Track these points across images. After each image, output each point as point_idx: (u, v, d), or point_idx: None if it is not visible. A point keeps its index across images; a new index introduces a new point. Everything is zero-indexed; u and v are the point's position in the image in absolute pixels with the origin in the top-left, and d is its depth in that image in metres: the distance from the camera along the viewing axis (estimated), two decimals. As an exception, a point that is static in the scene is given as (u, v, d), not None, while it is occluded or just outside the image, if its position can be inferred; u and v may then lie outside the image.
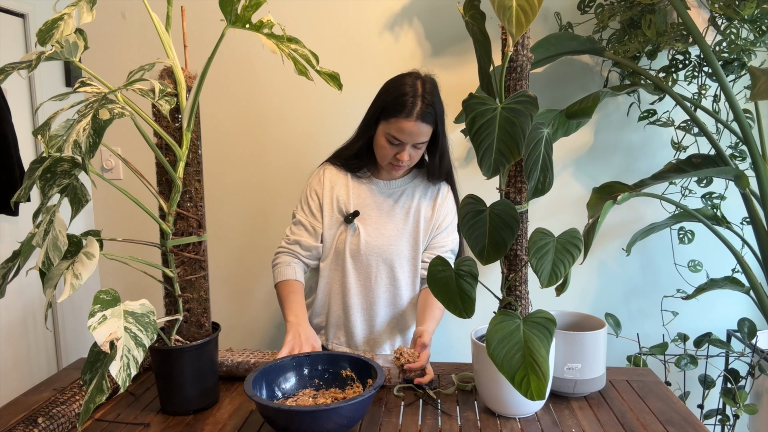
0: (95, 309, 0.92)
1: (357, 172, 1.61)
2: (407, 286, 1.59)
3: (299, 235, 1.58)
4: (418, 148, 1.49)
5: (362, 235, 1.54)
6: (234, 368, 1.37)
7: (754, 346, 1.88)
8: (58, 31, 1.00)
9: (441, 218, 1.58)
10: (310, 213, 1.58)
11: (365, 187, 1.59)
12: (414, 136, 1.44)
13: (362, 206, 1.57)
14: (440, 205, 1.59)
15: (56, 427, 1.11)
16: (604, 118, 2.08)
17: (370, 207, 1.57)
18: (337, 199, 1.57)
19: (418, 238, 1.57)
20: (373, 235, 1.55)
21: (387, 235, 1.55)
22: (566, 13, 1.98)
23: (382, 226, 1.56)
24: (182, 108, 1.14)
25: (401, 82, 1.47)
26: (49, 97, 1.34)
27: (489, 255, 1.14)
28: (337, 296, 1.60)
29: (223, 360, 1.37)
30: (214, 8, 1.17)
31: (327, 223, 1.57)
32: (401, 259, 1.57)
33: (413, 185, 1.60)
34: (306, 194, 1.61)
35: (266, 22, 1.10)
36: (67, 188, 1.02)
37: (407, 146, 1.46)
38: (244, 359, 1.37)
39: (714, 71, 1.63)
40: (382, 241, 1.55)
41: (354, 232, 1.55)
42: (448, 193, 1.61)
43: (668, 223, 1.95)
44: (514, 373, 1.01)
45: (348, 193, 1.58)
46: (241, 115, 2.18)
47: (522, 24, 0.98)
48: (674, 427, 1.15)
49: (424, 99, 1.43)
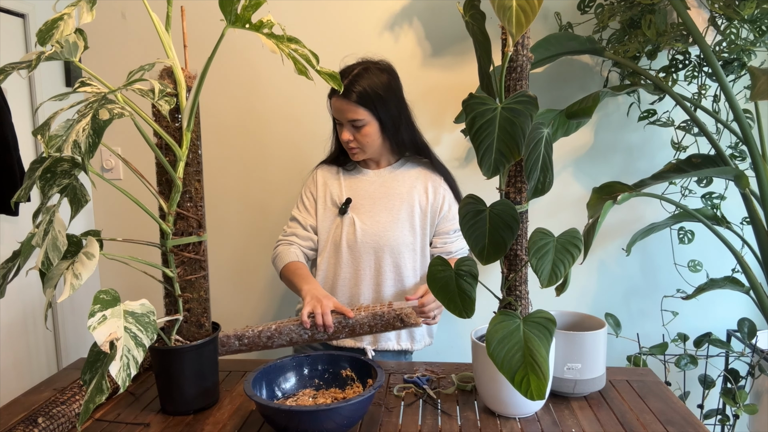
0: (95, 309, 0.92)
1: (345, 166, 1.67)
2: (412, 274, 1.61)
3: (295, 228, 1.65)
4: (357, 128, 1.53)
5: (357, 224, 1.58)
6: (256, 338, 1.36)
7: (754, 346, 1.88)
8: (58, 31, 1.00)
9: (438, 205, 1.61)
10: (305, 210, 1.66)
11: (356, 179, 1.64)
12: (342, 113, 1.53)
13: (355, 197, 1.61)
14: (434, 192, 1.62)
15: (56, 427, 1.11)
16: (604, 118, 2.08)
17: (363, 197, 1.61)
18: (331, 193, 1.64)
19: (414, 223, 1.58)
20: (368, 223, 1.57)
21: (382, 222, 1.57)
22: (566, 13, 1.98)
23: (376, 214, 1.58)
24: (182, 108, 1.14)
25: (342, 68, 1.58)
26: (49, 97, 1.34)
27: (489, 255, 1.14)
28: (337, 288, 1.61)
29: (243, 333, 1.37)
30: (214, 8, 1.18)
31: (322, 217, 1.63)
32: (401, 245, 1.58)
33: (402, 171, 1.63)
34: (301, 195, 1.69)
35: (266, 22, 1.10)
36: (67, 188, 1.02)
37: (345, 125, 1.54)
38: (265, 328, 1.37)
39: (714, 71, 1.63)
40: (377, 228, 1.57)
41: (349, 222, 1.59)
42: (440, 184, 1.64)
43: (668, 223, 1.95)
44: (514, 373, 1.01)
45: (341, 185, 1.64)
46: (241, 115, 2.18)
47: (522, 24, 0.98)
48: (674, 427, 1.15)
49: (350, 78, 1.51)
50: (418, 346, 1.65)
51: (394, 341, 1.62)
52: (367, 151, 1.58)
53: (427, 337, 1.67)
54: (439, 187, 1.62)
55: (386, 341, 1.61)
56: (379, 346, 1.61)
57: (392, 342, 1.62)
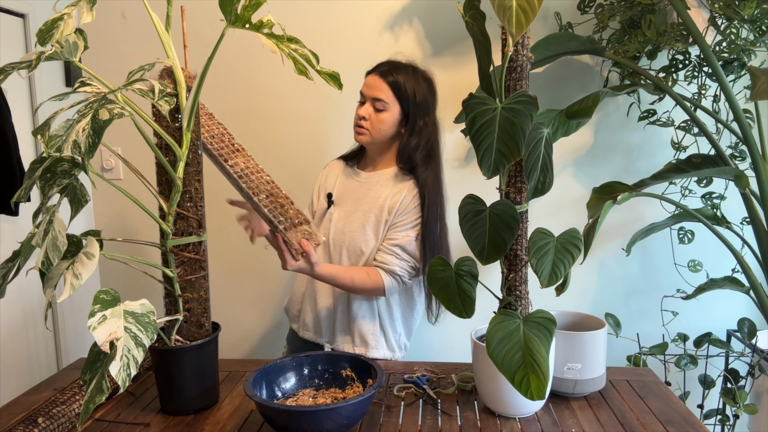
0: (95, 309, 0.92)
1: (348, 162, 1.70)
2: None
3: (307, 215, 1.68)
4: (378, 110, 1.54)
5: (334, 221, 1.60)
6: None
7: (754, 346, 1.88)
8: (58, 31, 1.01)
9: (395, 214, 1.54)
10: (311, 203, 1.73)
11: (350, 177, 1.66)
12: (372, 89, 1.55)
13: (342, 194, 1.63)
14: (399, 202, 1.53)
15: (56, 427, 1.11)
16: (604, 118, 2.08)
17: (349, 196, 1.63)
18: (325, 187, 1.68)
19: (378, 229, 1.55)
20: (343, 221, 1.59)
21: (354, 221, 1.58)
22: (566, 13, 1.98)
23: (351, 213, 1.59)
24: (182, 108, 1.14)
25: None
26: (49, 97, 1.34)
27: (489, 255, 1.14)
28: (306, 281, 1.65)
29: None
30: (214, 8, 1.18)
31: (316, 207, 1.69)
32: (368, 248, 1.55)
33: (387, 177, 1.59)
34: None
35: (266, 22, 1.10)
36: (67, 188, 1.02)
37: (367, 103, 1.56)
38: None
39: (714, 71, 1.63)
40: (348, 228, 1.58)
41: (329, 218, 1.62)
42: (409, 193, 1.54)
43: (668, 223, 1.95)
44: (514, 373, 1.01)
45: (335, 181, 1.67)
46: (241, 114, 2.18)
47: (522, 24, 0.98)
48: (674, 427, 1.15)
49: (390, 63, 1.58)
50: (375, 354, 1.58)
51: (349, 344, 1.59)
52: (373, 137, 1.56)
53: (382, 350, 1.60)
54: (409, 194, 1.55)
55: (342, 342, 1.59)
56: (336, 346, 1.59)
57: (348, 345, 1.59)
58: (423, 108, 1.55)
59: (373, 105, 1.54)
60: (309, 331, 1.64)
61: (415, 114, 1.55)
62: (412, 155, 1.56)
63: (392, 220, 1.54)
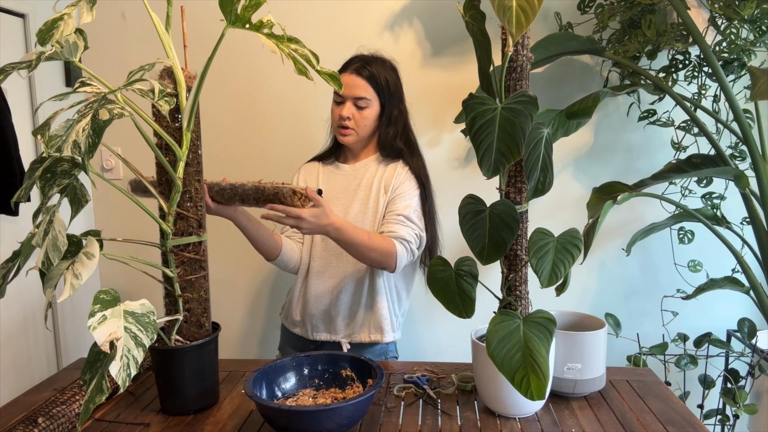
0: (95, 309, 0.92)
1: (325, 161, 1.71)
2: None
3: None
4: (360, 108, 1.56)
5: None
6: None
7: (754, 346, 1.88)
8: (58, 31, 1.01)
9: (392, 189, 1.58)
10: None
11: (333, 174, 1.67)
12: (351, 89, 1.55)
13: (331, 191, 1.63)
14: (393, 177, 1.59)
15: (56, 427, 1.11)
16: (604, 118, 2.08)
17: (338, 191, 1.63)
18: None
19: (378, 209, 1.58)
20: (343, 213, 1.59)
21: (353, 213, 1.59)
22: (566, 13, 1.98)
23: (348, 206, 1.60)
24: (182, 108, 1.14)
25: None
26: (49, 97, 1.34)
27: (489, 255, 1.14)
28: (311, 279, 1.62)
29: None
30: (214, 8, 1.18)
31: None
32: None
33: (375, 165, 1.63)
34: None
35: (266, 22, 1.10)
36: (67, 188, 1.02)
37: (348, 102, 1.56)
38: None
39: (714, 71, 1.63)
40: (350, 218, 1.58)
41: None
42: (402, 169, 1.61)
43: (668, 223, 1.95)
44: (514, 373, 1.01)
45: (317, 180, 1.67)
46: (241, 114, 2.18)
47: (522, 24, 0.98)
48: (674, 427, 1.15)
49: (361, 59, 1.58)
50: (388, 338, 1.62)
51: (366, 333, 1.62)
52: (359, 134, 1.59)
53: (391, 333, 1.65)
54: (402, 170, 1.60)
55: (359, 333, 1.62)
56: (353, 339, 1.62)
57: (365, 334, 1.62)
58: (396, 97, 1.60)
59: (356, 104, 1.56)
60: (321, 332, 1.63)
61: (391, 104, 1.59)
62: (393, 144, 1.61)
63: (390, 195, 1.58)
